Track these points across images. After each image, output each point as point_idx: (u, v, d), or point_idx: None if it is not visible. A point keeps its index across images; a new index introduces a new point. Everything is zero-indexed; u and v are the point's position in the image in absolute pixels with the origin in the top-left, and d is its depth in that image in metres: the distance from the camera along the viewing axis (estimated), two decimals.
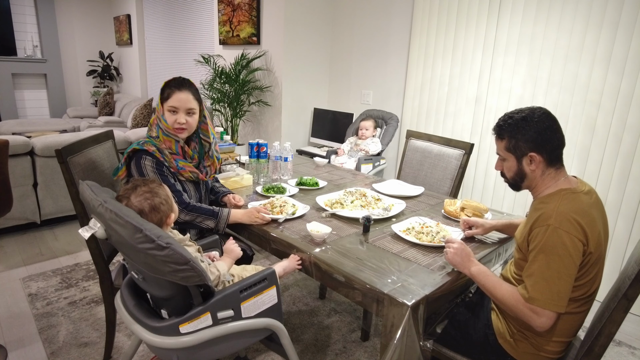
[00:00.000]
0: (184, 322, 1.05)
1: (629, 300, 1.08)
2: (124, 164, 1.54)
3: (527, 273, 1.16)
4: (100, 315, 2.23)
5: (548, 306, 1.11)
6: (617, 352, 2.13)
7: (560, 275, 1.11)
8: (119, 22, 6.65)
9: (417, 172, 2.46)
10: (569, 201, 1.15)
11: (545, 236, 1.12)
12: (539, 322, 1.13)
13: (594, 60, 2.46)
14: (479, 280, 1.25)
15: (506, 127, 1.25)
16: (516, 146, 1.24)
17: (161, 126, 1.58)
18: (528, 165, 1.24)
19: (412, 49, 3.37)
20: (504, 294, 1.19)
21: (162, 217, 1.13)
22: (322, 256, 1.38)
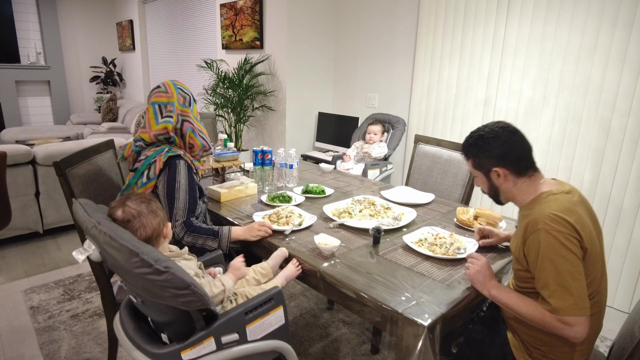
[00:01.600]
0: (186, 348, 0.98)
1: None
2: (155, 176, 1.47)
3: (540, 285, 1.10)
4: (103, 329, 2.17)
5: (575, 312, 1.05)
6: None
7: (572, 276, 1.06)
8: (121, 28, 6.63)
9: (427, 178, 2.39)
10: (552, 202, 1.14)
11: (541, 242, 1.09)
12: (574, 332, 1.06)
13: (607, 61, 2.38)
14: (500, 300, 1.18)
15: (468, 147, 1.30)
16: (480, 164, 1.28)
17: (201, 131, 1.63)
18: (497, 180, 1.26)
19: (418, 51, 3.30)
20: (529, 311, 1.12)
21: (160, 223, 1.07)
22: (331, 271, 1.32)
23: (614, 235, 2.46)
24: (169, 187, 1.48)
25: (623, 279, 2.46)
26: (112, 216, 1.04)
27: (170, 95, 1.57)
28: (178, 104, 1.56)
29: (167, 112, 1.56)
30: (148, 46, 6.22)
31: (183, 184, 1.49)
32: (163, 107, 1.56)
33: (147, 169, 1.50)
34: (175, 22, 5.41)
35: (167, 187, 1.48)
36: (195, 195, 1.55)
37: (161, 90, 1.59)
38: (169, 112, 1.56)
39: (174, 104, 1.56)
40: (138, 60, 6.36)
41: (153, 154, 1.51)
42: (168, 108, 1.57)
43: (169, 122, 1.55)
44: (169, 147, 1.54)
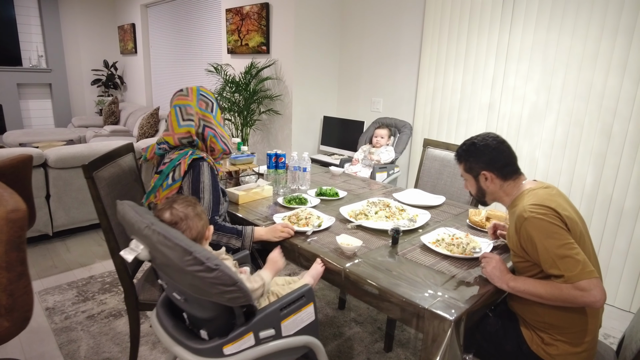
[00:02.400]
0: (228, 343, 1.04)
1: None
2: (180, 178, 1.52)
3: (548, 266, 1.20)
4: (119, 330, 2.21)
5: (585, 275, 1.15)
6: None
7: (570, 246, 1.17)
8: (123, 31, 6.66)
9: (436, 181, 2.46)
10: (531, 196, 1.30)
11: (531, 229, 1.22)
12: (592, 297, 1.13)
13: (609, 67, 2.46)
14: (520, 289, 1.25)
15: (461, 153, 1.47)
16: (471, 167, 1.44)
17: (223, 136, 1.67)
18: (484, 182, 1.42)
19: (423, 56, 3.37)
20: (547, 290, 1.20)
21: (204, 226, 1.13)
22: (355, 270, 1.37)
23: (615, 237, 2.54)
24: (194, 187, 1.53)
25: (624, 279, 2.54)
26: (159, 218, 1.09)
27: (190, 99, 1.62)
28: (198, 109, 1.61)
29: (187, 115, 1.61)
30: (150, 49, 6.26)
31: (207, 184, 1.54)
32: (184, 109, 1.61)
33: (172, 171, 1.54)
34: (179, 26, 5.45)
35: (192, 187, 1.53)
36: (218, 195, 1.60)
37: (182, 93, 1.64)
38: (190, 116, 1.60)
39: (193, 108, 1.61)
40: (140, 63, 6.39)
41: (177, 157, 1.56)
42: (188, 111, 1.61)
43: (191, 126, 1.60)
44: (193, 150, 1.59)
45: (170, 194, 1.53)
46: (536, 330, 1.31)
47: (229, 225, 1.59)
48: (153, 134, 5.07)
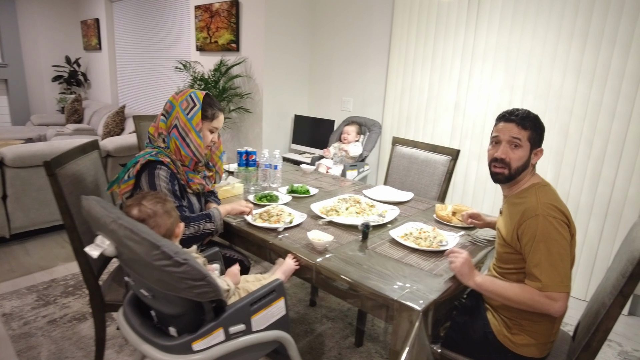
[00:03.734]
0: (197, 339, 1.02)
1: (625, 297, 1.15)
2: (133, 176, 1.47)
3: (532, 264, 1.23)
4: (84, 333, 2.14)
5: (561, 289, 1.19)
6: None
7: (561, 258, 1.21)
8: (86, 27, 6.43)
9: (405, 178, 2.51)
10: (545, 193, 1.30)
11: (539, 226, 1.22)
12: (556, 307, 1.19)
13: (565, 69, 2.59)
14: (486, 288, 1.29)
15: (530, 120, 1.35)
16: (536, 138, 1.35)
17: (192, 142, 1.56)
18: (533, 158, 1.36)
19: (392, 57, 3.44)
20: (516, 293, 1.24)
21: (173, 223, 1.11)
22: (326, 264, 1.39)
23: None
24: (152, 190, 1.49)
25: (580, 270, 2.68)
26: (127, 214, 1.06)
27: (177, 97, 1.58)
28: (179, 107, 1.56)
29: (165, 110, 1.59)
30: (116, 46, 6.07)
31: (164, 187, 1.49)
32: (167, 104, 1.59)
33: (132, 167, 1.50)
34: (146, 23, 5.32)
35: (151, 190, 1.49)
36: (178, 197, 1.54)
37: (177, 92, 1.63)
38: (167, 112, 1.58)
39: (175, 106, 1.57)
40: (105, 60, 6.18)
41: (142, 154, 1.52)
42: (167, 107, 1.59)
43: (163, 122, 1.58)
44: (158, 149, 1.55)
45: (126, 189, 1.50)
46: (505, 321, 1.34)
47: (196, 214, 1.57)
48: (119, 132, 4.92)
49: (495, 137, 1.39)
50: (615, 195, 2.50)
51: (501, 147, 1.37)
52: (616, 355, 2.17)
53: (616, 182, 2.49)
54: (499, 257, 1.42)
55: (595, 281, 2.62)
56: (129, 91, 5.98)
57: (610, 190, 2.52)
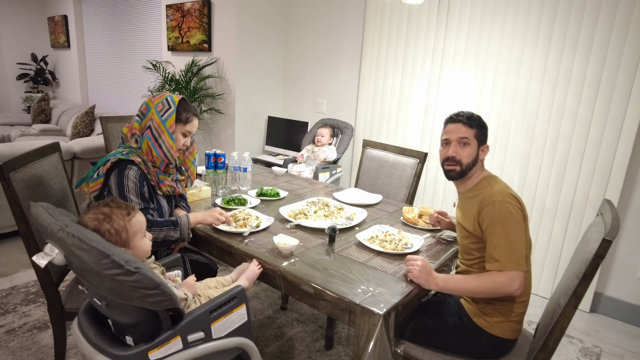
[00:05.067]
0: (153, 348, 1.00)
1: (578, 297, 1.18)
2: (103, 174, 1.45)
3: (492, 246, 1.32)
4: (44, 343, 2.06)
5: (517, 267, 1.28)
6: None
7: (517, 239, 1.30)
8: (54, 23, 6.22)
9: (374, 180, 2.52)
10: (496, 182, 1.43)
11: (495, 211, 1.33)
12: (515, 287, 1.28)
13: (531, 74, 2.66)
14: (449, 287, 1.34)
15: (474, 119, 1.47)
16: (482, 136, 1.47)
17: (164, 144, 1.56)
18: (481, 154, 1.48)
19: (364, 60, 3.46)
20: (478, 283, 1.31)
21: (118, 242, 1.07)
22: (290, 269, 1.38)
23: (538, 231, 2.75)
24: (120, 190, 1.47)
25: (545, 269, 2.76)
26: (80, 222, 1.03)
27: (153, 100, 1.58)
28: (154, 109, 1.55)
29: (140, 111, 1.59)
30: (85, 44, 5.89)
31: (132, 187, 1.48)
32: (143, 105, 1.59)
33: (102, 166, 1.48)
34: (116, 21, 5.19)
35: (118, 190, 1.47)
36: (146, 198, 1.53)
37: (153, 94, 1.65)
38: (142, 112, 1.58)
39: (150, 108, 1.55)
40: (74, 58, 6.00)
41: (113, 153, 1.52)
42: (142, 108, 1.58)
43: (137, 122, 1.57)
44: (130, 149, 1.53)
45: (95, 187, 1.48)
46: (477, 301, 1.41)
47: (161, 219, 1.54)
48: (88, 133, 4.78)
49: (446, 139, 1.51)
50: (578, 196, 2.59)
51: (451, 146, 1.48)
52: (577, 352, 2.24)
53: (578, 184, 2.58)
54: (464, 249, 1.49)
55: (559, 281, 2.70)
56: (99, 91, 5.82)
57: (573, 192, 2.60)
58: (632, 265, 2.51)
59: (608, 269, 2.59)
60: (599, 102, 2.44)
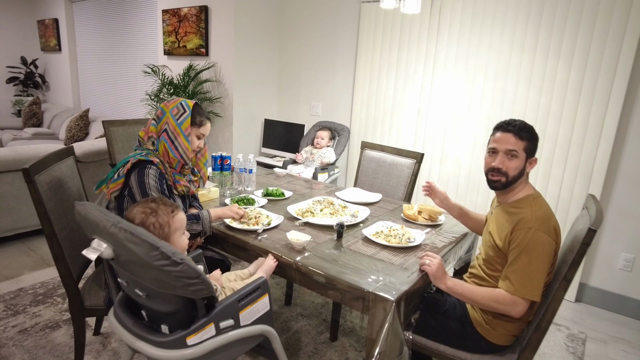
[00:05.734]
0: (191, 334, 1.09)
1: (567, 281, 1.31)
2: (123, 175, 1.54)
3: (510, 269, 1.36)
4: (58, 341, 2.12)
5: (528, 295, 1.33)
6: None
7: (538, 270, 1.33)
8: (44, 27, 6.20)
9: (373, 180, 2.65)
10: (540, 207, 1.39)
11: (528, 238, 1.33)
12: (517, 311, 1.35)
13: (518, 79, 2.82)
14: (456, 291, 1.43)
15: (526, 130, 1.43)
16: (531, 148, 1.43)
17: (180, 145, 1.65)
18: (528, 167, 1.45)
19: (358, 64, 3.58)
20: (483, 297, 1.39)
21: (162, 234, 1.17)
22: (305, 262, 1.49)
23: None
24: (141, 189, 1.55)
25: None
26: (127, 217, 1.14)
27: (168, 105, 1.68)
28: (169, 113, 1.65)
29: (156, 115, 1.69)
30: (77, 48, 5.89)
31: (153, 185, 1.57)
32: (159, 110, 1.69)
33: (122, 167, 1.57)
34: (110, 25, 5.21)
35: (140, 188, 1.55)
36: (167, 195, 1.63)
37: (170, 99, 1.72)
38: (158, 116, 1.68)
39: (166, 112, 1.64)
40: (65, 62, 5.99)
41: (132, 155, 1.61)
42: (158, 112, 1.68)
43: (154, 126, 1.67)
44: (148, 151, 1.62)
45: (115, 188, 1.57)
46: (484, 312, 1.47)
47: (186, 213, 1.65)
48: (83, 137, 4.80)
49: (493, 148, 1.47)
50: (563, 193, 2.75)
51: (498, 157, 1.44)
52: (565, 338, 2.39)
53: (563, 182, 2.74)
54: (487, 258, 1.51)
55: None
56: (93, 94, 5.83)
57: (559, 189, 2.77)
58: (613, 257, 2.69)
59: (591, 261, 2.76)
60: (581, 105, 2.61)
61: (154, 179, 1.57)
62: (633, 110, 2.51)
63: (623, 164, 2.59)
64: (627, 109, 2.52)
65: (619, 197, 2.62)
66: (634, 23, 2.39)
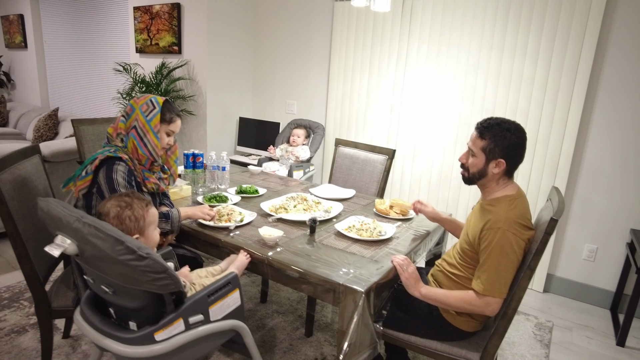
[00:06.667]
0: (159, 329, 1.09)
1: (532, 270, 1.36)
2: (91, 172, 1.51)
3: (482, 269, 1.40)
4: (25, 346, 2.06)
5: (497, 294, 1.37)
6: (516, 319, 2.54)
7: (507, 269, 1.37)
8: (8, 22, 5.98)
9: (347, 176, 2.67)
10: (515, 206, 1.40)
11: (496, 238, 1.36)
12: (491, 310, 1.39)
13: (487, 76, 2.90)
14: (430, 297, 1.47)
15: (491, 130, 1.41)
16: (492, 150, 1.41)
17: (150, 142, 1.63)
18: (492, 168, 1.43)
19: (332, 63, 3.61)
20: (456, 300, 1.43)
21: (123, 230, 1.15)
22: (277, 257, 1.49)
23: None
24: (110, 185, 1.53)
25: None
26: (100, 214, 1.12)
27: (137, 101, 1.65)
28: (139, 109, 1.62)
29: (126, 112, 1.66)
30: (44, 45, 5.71)
31: (121, 182, 1.55)
32: (128, 106, 1.67)
33: (90, 164, 1.54)
34: (79, 21, 5.08)
35: (108, 185, 1.53)
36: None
37: (139, 96, 1.70)
38: (127, 113, 1.66)
39: (135, 109, 1.62)
40: (32, 59, 5.80)
41: (100, 152, 1.58)
42: (127, 109, 1.66)
43: (123, 122, 1.64)
44: (116, 148, 1.60)
45: (83, 185, 1.54)
46: None
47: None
48: (52, 137, 4.66)
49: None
50: (531, 187, 2.84)
51: (465, 152, 1.51)
52: (533, 327, 2.48)
53: (531, 176, 2.84)
54: (462, 250, 1.53)
55: None
56: (62, 93, 5.66)
57: (527, 183, 2.86)
58: (578, 248, 2.80)
59: (558, 252, 2.86)
60: (546, 102, 2.70)
61: (122, 176, 1.55)
62: (594, 106, 2.62)
63: (586, 158, 2.69)
64: (589, 105, 2.63)
65: (583, 190, 2.73)
66: (593, 24, 2.49)
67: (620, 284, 2.63)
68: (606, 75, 2.56)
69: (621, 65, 2.51)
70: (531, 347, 2.28)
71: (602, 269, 2.74)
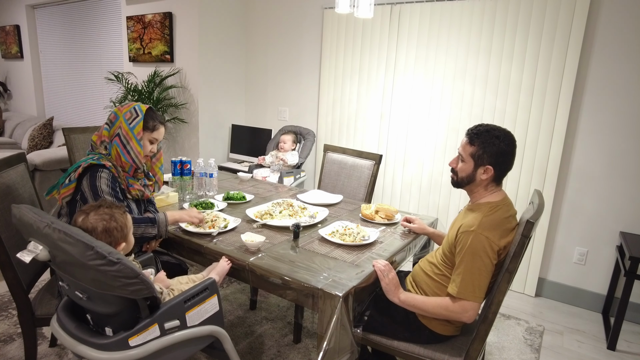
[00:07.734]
0: (133, 335, 1.09)
1: (510, 273, 1.36)
2: (75, 179, 1.52)
3: (457, 272, 1.41)
4: (11, 355, 2.05)
5: (472, 298, 1.37)
6: (507, 324, 2.53)
7: (481, 272, 1.37)
8: (5, 33, 6.03)
9: (335, 182, 2.68)
10: (492, 213, 1.41)
11: (469, 241, 1.37)
12: (468, 316, 1.39)
13: (475, 81, 2.92)
14: (409, 303, 1.48)
15: (480, 137, 1.43)
16: (481, 156, 1.43)
17: (132, 150, 1.64)
18: (481, 174, 1.45)
19: (322, 70, 3.63)
20: (433, 306, 1.43)
21: (111, 242, 1.16)
22: (258, 263, 1.50)
23: None
24: (94, 192, 1.54)
25: None
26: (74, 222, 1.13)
27: (121, 109, 1.67)
28: (122, 117, 1.64)
29: (109, 119, 1.68)
30: (40, 55, 5.75)
31: (105, 189, 1.55)
32: (112, 114, 1.68)
33: (73, 171, 1.55)
34: (74, 32, 5.12)
35: (92, 192, 1.54)
36: (120, 199, 1.61)
37: (122, 104, 1.74)
38: (110, 121, 1.67)
39: (119, 116, 1.63)
40: (28, 69, 5.83)
41: (84, 159, 1.59)
42: (111, 116, 1.67)
43: (106, 130, 1.65)
44: (100, 155, 1.61)
45: (67, 193, 1.55)
46: None
47: (140, 216, 1.63)
48: (47, 146, 4.68)
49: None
50: (520, 192, 2.85)
51: (455, 156, 1.53)
52: (524, 331, 2.47)
53: (520, 181, 2.84)
54: (444, 249, 1.54)
55: None
56: (57, 103, 5.69)
57: (516, 188, 2.86)
58: (568, 251, 2.79)
59: (549, 257, 2.86)
60: (534, 107, 2.72)
61: (106, 183, 1.56)
62: (580, 109, 2.63)
63: (574, 161, 2.70)
64: (575, 108, 2.64)
65: (572, 194, 2.74)
66: (577, 27, 2.51)
67: (611, 287, 2.63)
68: (592, 78, 2.58)
69: (606, 67, 2.53)
70: (521, 351, 2.27)
71: (592, 272, 2.73)
